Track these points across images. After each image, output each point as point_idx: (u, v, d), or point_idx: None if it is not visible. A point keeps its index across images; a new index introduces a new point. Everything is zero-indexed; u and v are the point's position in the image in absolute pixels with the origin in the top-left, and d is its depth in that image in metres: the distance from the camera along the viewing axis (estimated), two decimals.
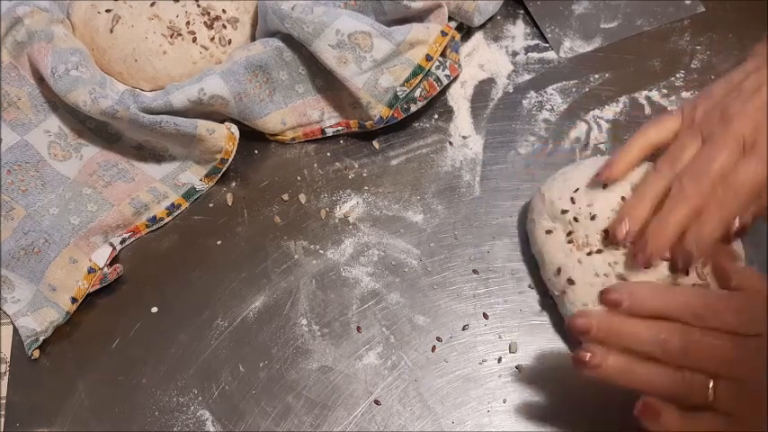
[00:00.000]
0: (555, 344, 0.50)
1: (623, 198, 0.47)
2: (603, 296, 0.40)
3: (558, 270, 0.48)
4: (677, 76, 0.59)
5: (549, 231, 0.49)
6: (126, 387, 0.50)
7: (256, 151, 0.58)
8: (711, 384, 0.37)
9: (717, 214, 0.43)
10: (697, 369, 0.38)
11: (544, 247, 0.49)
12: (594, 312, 0.40)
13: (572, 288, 0.47)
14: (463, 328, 0.51)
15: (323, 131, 0.58)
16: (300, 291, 0.53)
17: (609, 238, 0.46)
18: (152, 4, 0.58)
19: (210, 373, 0.50)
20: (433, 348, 0.50)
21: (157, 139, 0.55)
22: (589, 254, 0.47)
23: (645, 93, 0.58)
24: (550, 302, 0.50)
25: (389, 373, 0.50)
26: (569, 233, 0.48)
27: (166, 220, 0.56)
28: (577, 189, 0.48)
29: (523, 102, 0.58)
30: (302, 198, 0.56)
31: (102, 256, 0.54)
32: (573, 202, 0.48)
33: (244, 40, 0.60)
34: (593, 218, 0.47)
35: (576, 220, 0.47)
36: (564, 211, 0.48)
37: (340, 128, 0.58)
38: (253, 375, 0.50)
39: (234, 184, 0.57)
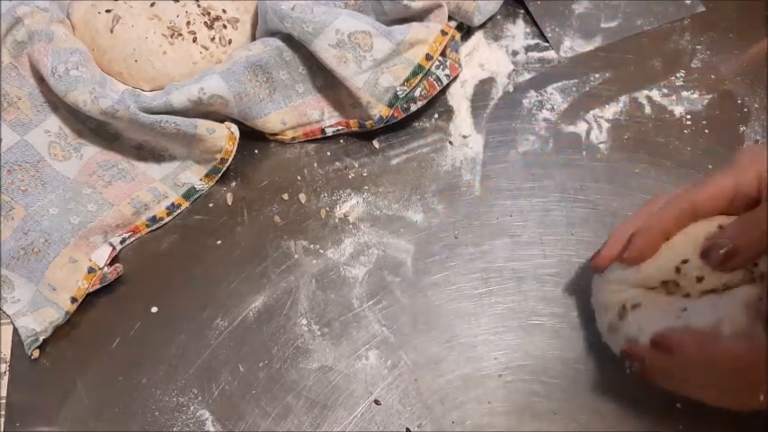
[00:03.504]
0: (555, 343, 0.50)
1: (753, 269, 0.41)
2: (654, 340, 0.41)
3: (623, 306, 0.44)
4: (678, 75, 0.59)
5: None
6: (126, 387, 0.50)
7: (256, 151, 0.58)
8: None
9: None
10: None
11: (608, 297, 0.45)
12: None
13: (633, 311, 0.43)
14: (463, 328, 0.50)
15: (323, 131, 0.58)
16: (300, 290, 0.53)
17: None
18: (152, 5, 0.58)
19: (210, 373, 0.50)
20: (434, 348, 0.50)
21: (157, 139, 0.55)
22: (668, 294, 0.43)
23: (645, 92, 0.58)
24: (550, 304, 0.50)
25: (389, 373, 0.49)
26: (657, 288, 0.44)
27: (166, 219, 0.56)
28: (686, 260, 0.42)
29: (523, 101, 0.58)
30: (302, 198, 0.56)
31: (102, 255, 0.54)
32: (678, 272, 0.42)
33: (244, 40, 0.60)
34: (699, 280, 0.42)
35: (676, 284, 0.43)
36: (665, 283, 0.43)
37: (340, 127, 0.58)
38: (253, 375, 0.50)
39: (234, 184, 0.57)
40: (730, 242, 0.40)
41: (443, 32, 0.55)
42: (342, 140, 0.58)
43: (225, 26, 0.59)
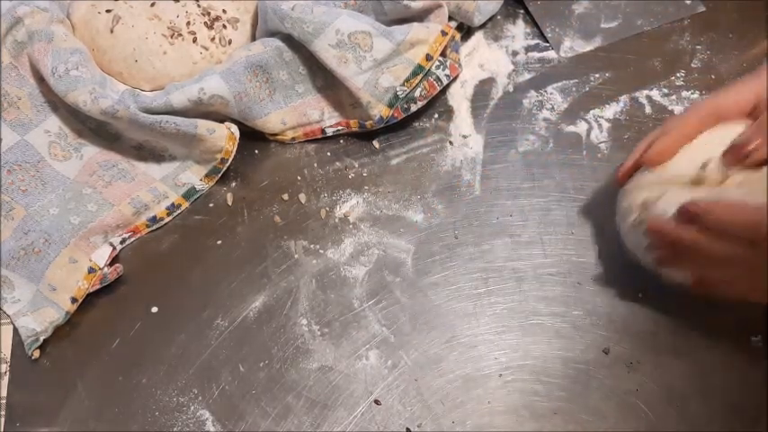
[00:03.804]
0: (555, 343, 0.50)
1: None
2: (682, 208, 0.42)
3: (644, 202, 0.45)
4: (678, 75, 0.58)
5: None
6: (126, 387, 0.50)
7: (256, 151, 0.58)
8: None
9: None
10: None
11: (632, 199, 0.46)
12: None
13: (655, 204, 0.44)
14: (463, 328, 0.50)
15: (323, 131, 0.58)
16: (300, 290, 0.53)
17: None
18: (152, 5, 0.58)
19: (210, 373, 0.50)
20: (434, 348, 0.50)
21: (157, 139, 0.55)
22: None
23: (645, 92, 0.58)
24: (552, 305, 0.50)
25: (389, 373, 0.49)
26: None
27: (166, 219, 0.56)
28: (708, 161, 0.43)
29: (524, 101, 0.58)
30: (302, 198, 0.56)
31: (102, 256, 0.54)
32: (703, 168, 0.43)
33: (244, 40, 0.60)
34: (723, 180, 0.43)
35: (700, 180, 0.44)
36: (692, 180, 0.44)
37: (340, 128, 0.58)
38: (253, 375, 0.50)
39: (234, 184, 0.57)
40: (751, 139, 0.41)
41: (443, 33, 0.55)
42: (342, 140, 0.58)
43: (225, 26, 0.59)
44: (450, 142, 0.57)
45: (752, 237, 0.41)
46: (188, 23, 0.58)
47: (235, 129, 0.56)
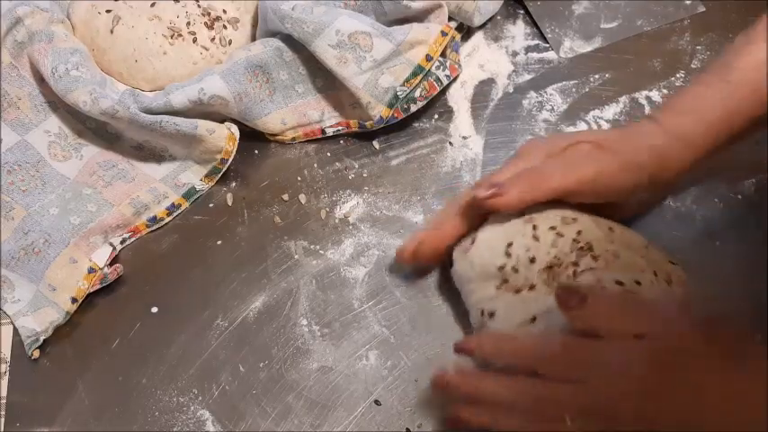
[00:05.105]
0: None
1: (556, 232, 0.45)
2: (457, 346, 0.43)
3: (482, 312, 0.46)
4: (677, 76, 0.58)
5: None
6: (126, 387, 0.50)
7: (256, 151, 0.58)
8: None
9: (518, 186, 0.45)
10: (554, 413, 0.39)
11: (472, 301, 0.47)
12: (453, 372, 0.42)
13: (492, 320, 0.45)
14: (463, 329, 0.50)
15: (323, 131, 0.58)
16: (300, 291, 0.53)
17: (546, 271, 0.44)
18: (152, 5, 0.58)
19: (210, 373, 0.50)
20: (434, 348, 0.50)
21: (157, 140, 0.55)
22: (517, 292, 0.44)
23: (645, 93, 0.58)
24: None
25: (389, 373, 0.49)
26: (504, 281, 0.45)
27: (166, 220, 0.56)
28: (511, 243, 0.45)
29: (523, 102, 0.58)
30: (302, 198, 0.56)
31: (102, 256, 0.54)
32: (509, 256, 0.45)
33: (244, 40, 0.60)
34: (532, 260, 0.44)
35: (515, 270, 0.45)
36: (501, 268, 0.45)
37: (340, 128, 0.58)
38: (253, 375, 0.50)
39: (234, 184, 0.57)
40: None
41: (443, 33, 0.55)
42: (342, 141, 0.58)
43: (225, 26, 0.59)
44: (450, 143, 0.57)
45: (528, 367, 0.40)
46: (188, 24, 0.58)
47: (235, 129, 0.56)
